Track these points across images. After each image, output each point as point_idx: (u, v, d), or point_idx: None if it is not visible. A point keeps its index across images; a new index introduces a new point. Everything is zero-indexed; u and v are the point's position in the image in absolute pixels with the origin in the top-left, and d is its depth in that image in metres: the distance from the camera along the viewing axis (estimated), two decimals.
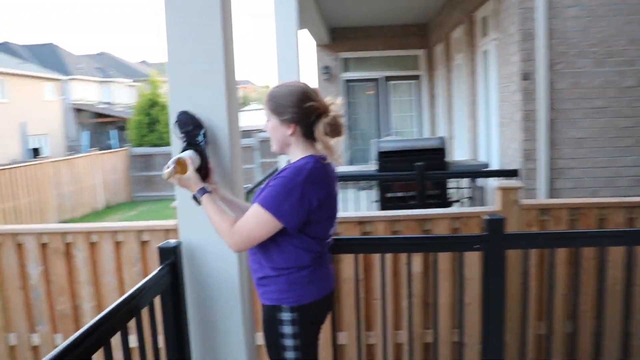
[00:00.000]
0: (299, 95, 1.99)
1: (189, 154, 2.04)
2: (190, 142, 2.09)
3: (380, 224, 3.42)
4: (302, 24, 8.93)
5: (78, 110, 32.28)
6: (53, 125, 28.56)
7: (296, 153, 2.05)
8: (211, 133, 2.18)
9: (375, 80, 12.06)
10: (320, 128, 1.97)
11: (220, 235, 1.98)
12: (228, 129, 2.20)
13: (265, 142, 16.03)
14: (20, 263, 3.78)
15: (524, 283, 2.47)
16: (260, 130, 17.41)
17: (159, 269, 2.05)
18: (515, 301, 3.13)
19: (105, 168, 15.70)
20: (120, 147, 22.51)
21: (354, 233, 3.40)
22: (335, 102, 2.04)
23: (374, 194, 6.05)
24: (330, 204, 2.03)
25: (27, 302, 3.82)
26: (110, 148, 25.02)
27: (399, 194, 5.70)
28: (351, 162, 11.66)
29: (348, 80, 12.09)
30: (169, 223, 3.60)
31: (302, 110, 1.97)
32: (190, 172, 2.01)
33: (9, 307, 3.86)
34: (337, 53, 11.77)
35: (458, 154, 8.66)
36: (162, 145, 18.97)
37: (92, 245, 3.68)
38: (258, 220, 1.92)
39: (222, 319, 2.28)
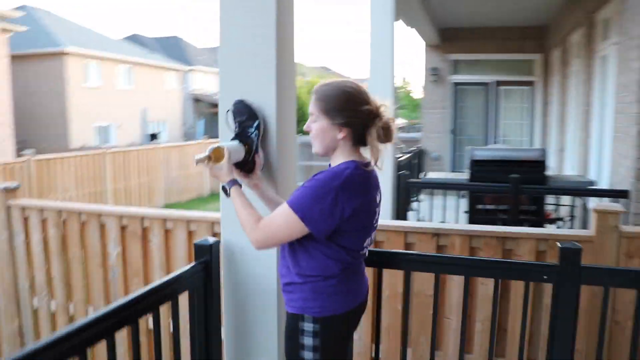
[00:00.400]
0: (355, 97, 1.86)
1: (230, 144, 1.98)
2: (240, 133, 2.02)
3: (457, 238, 3.16)
4: (409, 22, 8.68)
5: (196, 100, 33.91)
6: (172, 112, 30.24)
7: (339, 157, 1.91)
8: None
9: (485, 84, 11.52)
10: (373, 133, 1.84)
11: (244, 230, 1.88)
12: (276, 122, 2.10)
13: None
14: (101, 242, 3.93)
15: (600, 325, 2.13)
16: None
17: (191, 265, 1.99)
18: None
19: None
20: None
21: (428, 245, 3.17)
22: (385, 104, 1.90)
23: (461, 204, 5.70)
24: (366, 214, 1.88)
25: (106, 279, 3.96)
26: None
27: (490, 207, 5.33)
28: (454, 168, 11.22)
29: (457, 83, 11.64)
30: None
31: (357, 114, 1.84)
32: (224, 163, 1.94)
33: (90, 283, 4.03)
34: (447, 54, 11.36)
35: (567, 168, 8.01)
36: None
37: (167, 232, 3.72)
38: (284, 221, 1.80)
39: (256, 323, 2.19)
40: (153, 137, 27.38)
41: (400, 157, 7.49)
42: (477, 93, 11.67)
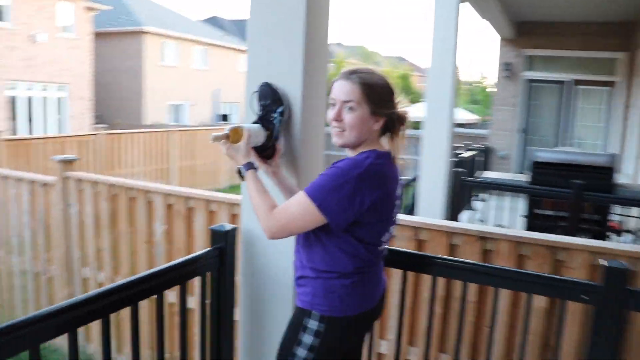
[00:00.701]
0: (393, 88, 1.83)
1: (251, 126, 1.92)
2: (263, 117, 1.96)
3: (504, 244, 2.97)
4: (482, 12, 8.33)
5: None
6: (243, 94, 30.69)
7: (361, 148, 1.83)
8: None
9: (561, 82, 10.94)
10: (404, 125, 1.84)
11: (257, 216, 1.81)
12: (301, 107, 2.01)
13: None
14: (148, 219, 3.99)
15: None
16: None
17: (206, 250, 1.95)
18: None
19: None
20: None
21: (473, 248, 3.01)
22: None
23: (523, 207, 5.42)
24: (386, 206, 1.79)
25: (150, 255, 4.03)
26: None
27: (549, 212, 5.04)
28: (522, 169, 10.77)
29: (531, 80, 11.12)
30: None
31: (394, 105, 1.83)
32: (242, 144, 1.88)
33: (136, 258, 4.11)
34: (522, 49, 10.86)
35: None
36: None
37: (210, 214, 3.72)
38: (300, 209, 1.72)
39: (270, 313, 2.14)
40: (224, 118, 27.88)
41: (462, 153, 7.23)
42: (551, 91, 11.10)
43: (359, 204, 1.68)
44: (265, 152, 1.98)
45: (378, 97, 1.78)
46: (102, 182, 4.20)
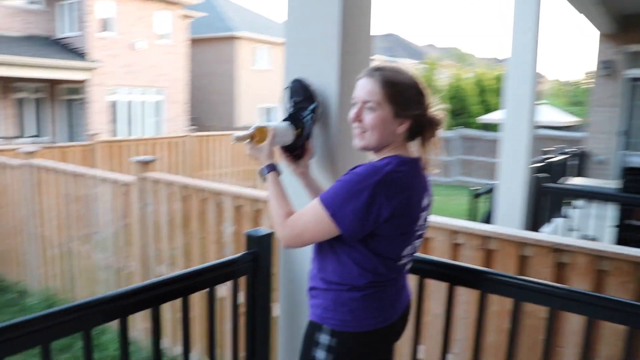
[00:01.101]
0: (423, 88, 1.67)
1: (278, 124, 1.83)
2: (293, 115, 1.87)
3: (581, 257, 2.73)
4: (577, 5, 7.81)
5: None
6: None
7: (384, 152, 1.69)
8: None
9: None
10: (435, 129, 1.67)
11: (273, 223, 1.72)
12: (339, 106, 1.92)
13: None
14: (217, 220, 4.06)
15: None
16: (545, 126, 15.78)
17: (240, 254, 1.96)
18: None
19: None
20: None
21: (545, 261, 2.79)
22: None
23: (613, 216, 5.00)
24: (408, 218, 1.63)
25: (220, 256, 4.08)
26: None
27: None
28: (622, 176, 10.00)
29: (634, 79, 10.31)
30: None
31: (422, 107, 1.66)
32: (265, 144, 1.79)
33: (206, 257, 4.19)
34: (624, 45, 10.08)
35: None
36: None
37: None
38: (313, 218, 1.60)
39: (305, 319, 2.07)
40: None
41: (551, 158, 6.81)
42: None
43: (377, 213, 1.55)
44: (295, 151, 1.90)
45: (402, 97, 1.63)
46: (176, 183, 4.32)
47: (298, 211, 1.68)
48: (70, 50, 18.06)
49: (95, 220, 5.02)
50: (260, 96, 25.15)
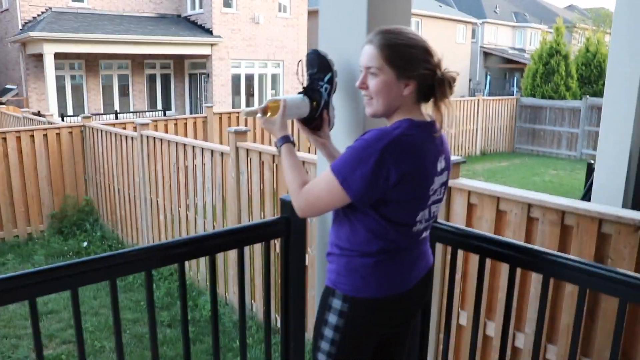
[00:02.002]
0: (425, 46, 1.59)
1: (291, 97, 1.82)
2: (309, 86, 1.85)
3: None
4: None
5: (487, 54, 32.73)
6: (459, 67, 29.58)
7: (396, 116, 1.63)
8: (349, 79, 1.86)
9: None
10: (446, 87, 1.57)
11: (289, 193, 1.72)
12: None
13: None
14: None
15: None
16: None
17: (274, 218, 2.06)
18: None
19: (488, 114, 15.52)
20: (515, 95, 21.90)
21: (629, 240, 2.39)
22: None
23: None
24: (419, 182, 1.57)
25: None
26: (510, 95, 24.66)
27: None
28: None
29: None
30: None
31: (428, 66, 1.58)
32: (277, 116, 1.78)
33: None
34: None
35: None
36: (555, 99, 17.60)
37: None
38: (326, 186, 1.59)
39: None
40: None
41: None
42: None
43: (384, 179, 1.51)
44: (313, 123, 1.88)
45: (403, 58, 1.57)
46: (266, 152, 4.33)
47: (312, 180, 1.67)
48: (196, 26, 19.00)
49: (197, 188, 5.21)
50: None
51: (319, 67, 1.84)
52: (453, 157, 3.10)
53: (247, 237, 2.12)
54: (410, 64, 1.56)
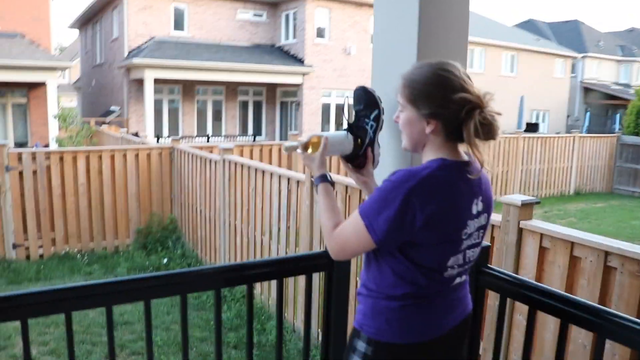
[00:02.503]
0: (448, 82, 1.50)
1: (334, 134, 1.79)
2: (354, 123, 1.81)
3: None
4: None
5: (587, 90, 31.29)
6: (556, 102, 28.57)
7: (428, 155, 1.56)
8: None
9: None
10: (471, 127, 1.46)
11: (322, 234, 1.69)
12: None
13: None
14: None
15: None
16: None
17: (317, 252, 2.17)
18: None
19: (585, 152, 14.73)
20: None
21: None
22: (490, 93, 1.50)
23: None
24: (450, 225, 1.48)
25: None
26: (611, 133, 23.38)
27: None
28: None
29: None
30: (495, 218, 3.12)
31: (449, 104, 1.49)
32: (317, 154, 1.74)
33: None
34: None
35: None
36: None
37: None
38: (353, 229, 1.54)
39: None
40: (532, 126, 26.34)
41: None
42: None
43: (410, 222, 1.44)
44: (356, 161, 1.83)
45: (418, 94, 1.52)
46: (340, 183, 4.32)
47: (343, 222, 1.62)
48: (289, 56, 19.55)
49: (273, 214, 5.27)
50: None
51: (366, 103, 1.81)
52: (525, 197, 2.96)
53: (287, 269, 2.10)
54: (427, 102, 1.51)
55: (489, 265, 1.95)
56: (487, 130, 1.48)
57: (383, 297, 1.57)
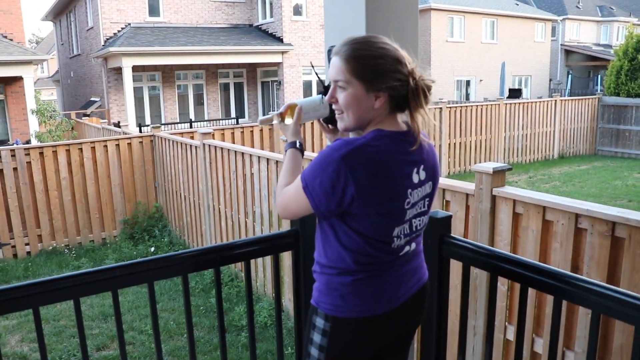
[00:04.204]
0: (394, 55, 1.51)
1: (306, 100, 1.79)
2: (327, 87, 1.75)
3: None
4: None
5: (568, 52, 31.31)
6: (538, 67, 28.54)
7: (369, 129, 1.56)
8: None
9: None
10: (420, 95, 1.50)
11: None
12: None
13: None
14: None
15: None
16: None
17: (283, 230, 2.09)
18: None
19: (567, 115, 14.79)
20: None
21: None
22: (416, 61, 1.53)
23: None
24: (388, 195, 1.48)
25: None
26: (593, 94, 23.47)
27: None
28: None
29: None
30: (469, 187, 3.16)
31: (399, 75, 1.50)
32: (291, 121, 1.75)
33: None
34: None
35: None
36: None
37: None
38: (294, 190, 1.57)
39: None
40: (514, 92, 26.32)
41: None
42: None
43: (341, 190, 1.45)
44: (333, 122, 1.81)
45: (371, 70, 1.49)
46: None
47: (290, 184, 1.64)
48: (267, 35, 19.40)
49: (255, 195, 5.29)
50: (456, 69, 24.39)
51: None
52: (496, 164, 2.99)
53: (255, 250, 2.14)
54: (379, 76, 1.49)
55: (451, 234, 1.98)
56: (426, 97, 1.52)
57: (336, 272, 1.58)
